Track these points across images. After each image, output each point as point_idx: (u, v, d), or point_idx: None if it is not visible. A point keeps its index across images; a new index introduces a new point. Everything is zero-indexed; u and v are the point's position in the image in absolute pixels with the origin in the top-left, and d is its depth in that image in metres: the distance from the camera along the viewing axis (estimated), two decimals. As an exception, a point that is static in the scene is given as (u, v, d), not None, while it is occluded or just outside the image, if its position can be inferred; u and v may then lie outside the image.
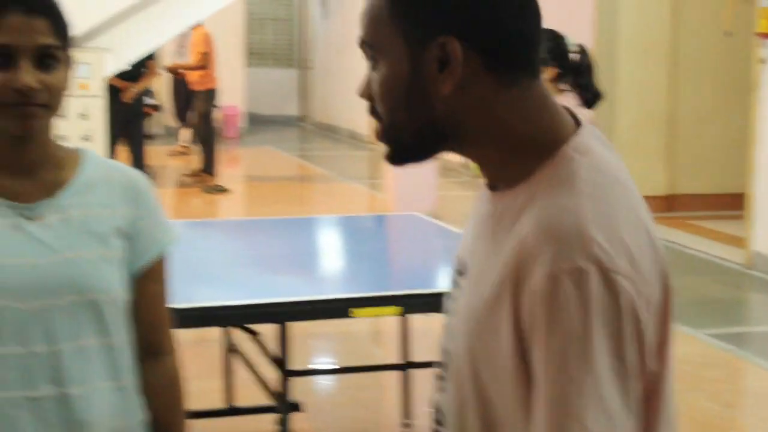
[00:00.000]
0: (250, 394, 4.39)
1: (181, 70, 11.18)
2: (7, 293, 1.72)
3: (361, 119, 13.90)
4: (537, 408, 1.18)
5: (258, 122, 16.59)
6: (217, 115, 11.43)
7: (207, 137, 10.67)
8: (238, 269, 3.93)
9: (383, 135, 1.34)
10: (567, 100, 3.96)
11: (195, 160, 11.40)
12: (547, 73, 3.94)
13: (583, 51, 4.04)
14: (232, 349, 4.39)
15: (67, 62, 1.77)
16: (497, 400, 1.27)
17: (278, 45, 17.95)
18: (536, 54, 1.31)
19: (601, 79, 4.13)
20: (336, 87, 15.50)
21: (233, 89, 15.00)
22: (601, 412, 1.15)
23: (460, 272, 1.39)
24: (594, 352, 1.16)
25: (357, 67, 8.33)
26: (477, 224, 1.38)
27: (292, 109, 17.77)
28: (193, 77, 10.90)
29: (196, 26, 10.43)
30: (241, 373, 4.40)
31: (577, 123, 1.34)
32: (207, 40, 10.77)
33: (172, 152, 13.00)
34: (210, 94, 10.88)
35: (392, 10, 1.28)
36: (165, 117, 14.80)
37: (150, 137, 10.74)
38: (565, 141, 1.29)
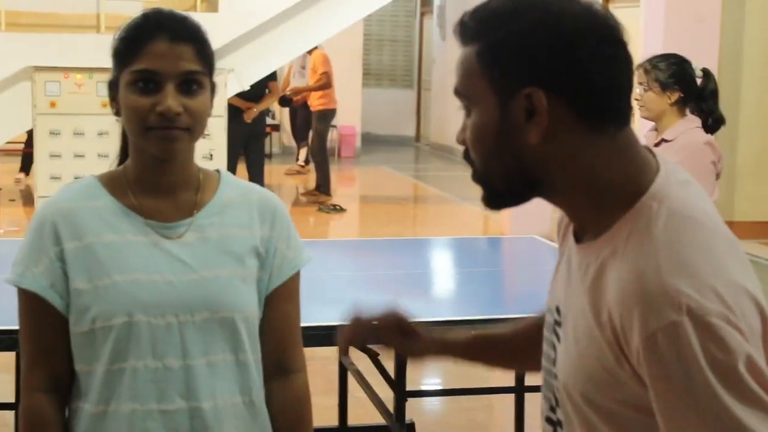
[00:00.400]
0: (362, 412, 4.43)
1: (303, 94, 11.25)
2: (143, 308, 1.78)
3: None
4: None
5: (373, 142, 16.71)
6: (332, 135, 11.54)
7: (321, 157, 10.79)
8: (355, 289, 3.97)
9: (477, 179, 1.39)
10: (688, 123, 3.92)
11: (312, 179, 11.55)
12: (671, 97, 3.91)
13: (707, 76, 3.99)
14: (346, 368, 4.44)
15: (209, 87, 1.83)
16: None
17: (394, 66, 18.07)
18: (625, 102, 1.33)
19: (724, 103, 4.07)
20: (451, 108, 15.49)
21: (349, 109, 15.15)
22: None
23: (557, 322, 1.42)
24: (718, 398, 1.17)
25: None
26: (566, 274, 1.41)
27: (407, 130, 17.85)
28: (313, 98, 11.03)
29: (314, 49, 10.59)
30: (353, 391, 4.44)
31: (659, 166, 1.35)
32: (327, 61, 10.91)
33: (289, 171, 13.20)
34: (329, 115, 11.01)
35: (481, 61, 1.32)
36: (282, 136, 15.05)
37: (268, 156, 10.91)
38: (645, 189, 1.30)
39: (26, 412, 1.83)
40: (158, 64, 1.75)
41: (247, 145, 8.94)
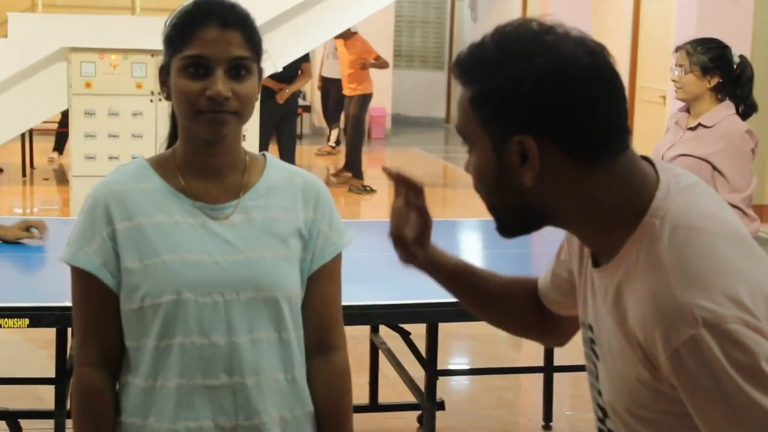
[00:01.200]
0: (392, 391, 4.49)
1: (370, 64, 11.15)
2: (191, 287, 1.83)
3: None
4: None
5: (403, 124, 16.72)
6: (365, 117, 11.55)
7: (355, 143, 10.82)
8: (385, 270, 4.01)
9: (489, 211, 1.45)
10: (726, 110, 3.95)
11: (342, 160, 11.59)
12: (710, 81, 3.94)
13: (744, 62, 4.02)
14: (377, 347, 4.51)
15: (257, 72, 1.87)
16: None
17: (425, 47, 18.06)
18: (617, 133, 1.35)
19: (757, 87, 4.09)
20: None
21: (380, 91, 15.14)
22: None
23: (592, 340, 1.47)
24: (749, 397, 1.21)
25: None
26: (591, 295, 1.46)
27: (437, 111, 17.86)
28: (352, 83, 11.00)
29: (351, 34, 10.61)
30: (384, 369, 4.50)
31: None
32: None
33: (319, 152, 13.25)
34: (368, 100, 11.03)
35: (474, 108, 1.37)
36: (313, 117, 15.10)
37: (299, 137, 10.92)
38: (647, 207, 1.34)
39: (79, 384, 1.90)
40: (208, 49, 1.81)
41: (279, 126, 9.00)
